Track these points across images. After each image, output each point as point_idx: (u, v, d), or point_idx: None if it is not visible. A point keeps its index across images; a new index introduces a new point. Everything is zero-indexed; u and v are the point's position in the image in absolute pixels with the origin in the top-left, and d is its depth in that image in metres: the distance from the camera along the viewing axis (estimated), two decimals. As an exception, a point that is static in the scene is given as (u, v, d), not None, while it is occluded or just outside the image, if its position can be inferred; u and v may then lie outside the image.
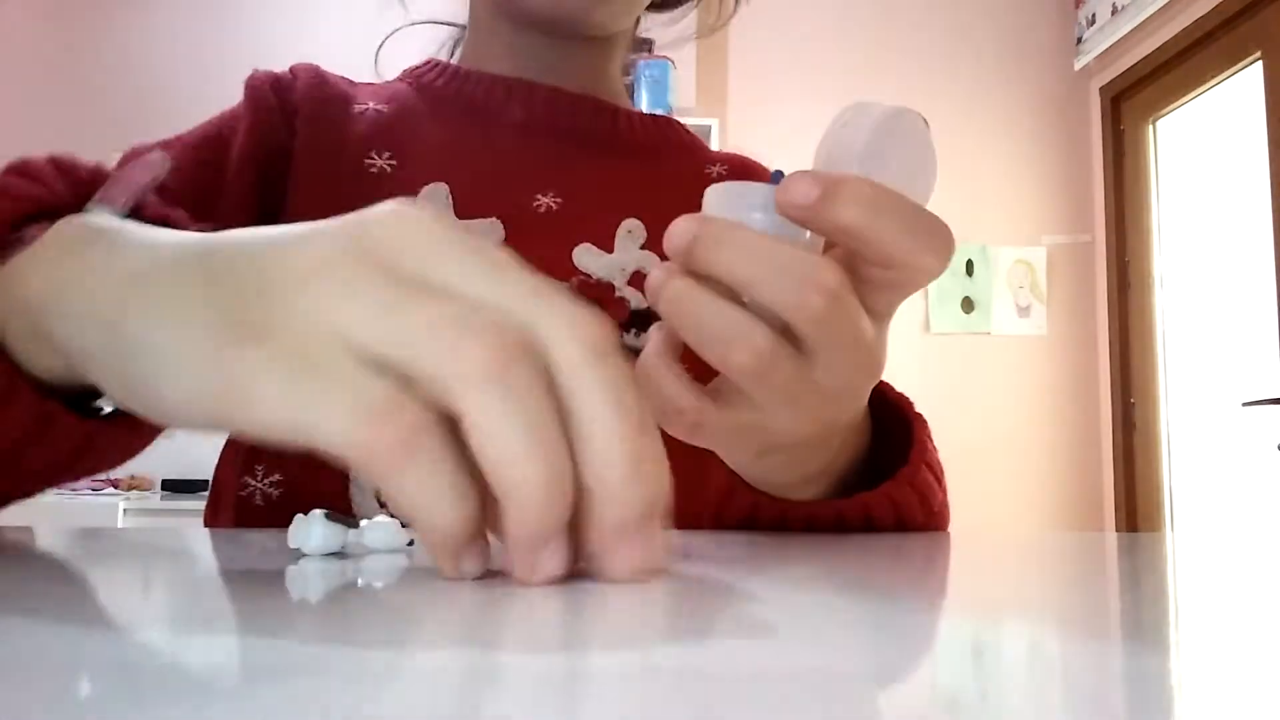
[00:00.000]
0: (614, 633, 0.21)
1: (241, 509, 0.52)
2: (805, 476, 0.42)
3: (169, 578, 0.30)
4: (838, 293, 0.29)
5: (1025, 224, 3.35)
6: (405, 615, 0.23)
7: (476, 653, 0.18)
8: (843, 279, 0.29)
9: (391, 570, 0.29)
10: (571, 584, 0.25)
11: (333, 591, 0.26)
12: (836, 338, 0.30)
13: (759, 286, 0.29)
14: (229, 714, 0.13)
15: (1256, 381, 2.61)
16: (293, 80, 0.62)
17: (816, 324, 0.29)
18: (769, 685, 0.15)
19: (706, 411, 0.31)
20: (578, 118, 0.60)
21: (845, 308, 0.29)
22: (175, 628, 0.22)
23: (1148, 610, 0.25)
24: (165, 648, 0.19)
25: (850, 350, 0.31)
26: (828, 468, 0.42)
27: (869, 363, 0.32)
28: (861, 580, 0.29)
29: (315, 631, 0.20)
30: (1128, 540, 0.49)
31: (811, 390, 0.31)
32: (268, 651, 0.18)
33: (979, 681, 0.17)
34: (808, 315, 0.29)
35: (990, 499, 3.20)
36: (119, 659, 0.17)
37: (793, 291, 0.28)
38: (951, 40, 3.39)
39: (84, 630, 0.20)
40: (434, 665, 0.17)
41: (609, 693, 0.15)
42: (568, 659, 0.17)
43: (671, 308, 0.30)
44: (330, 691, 0.14)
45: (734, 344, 0.29)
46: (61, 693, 0.15)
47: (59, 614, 0.22)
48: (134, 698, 0.14)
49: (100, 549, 0.37)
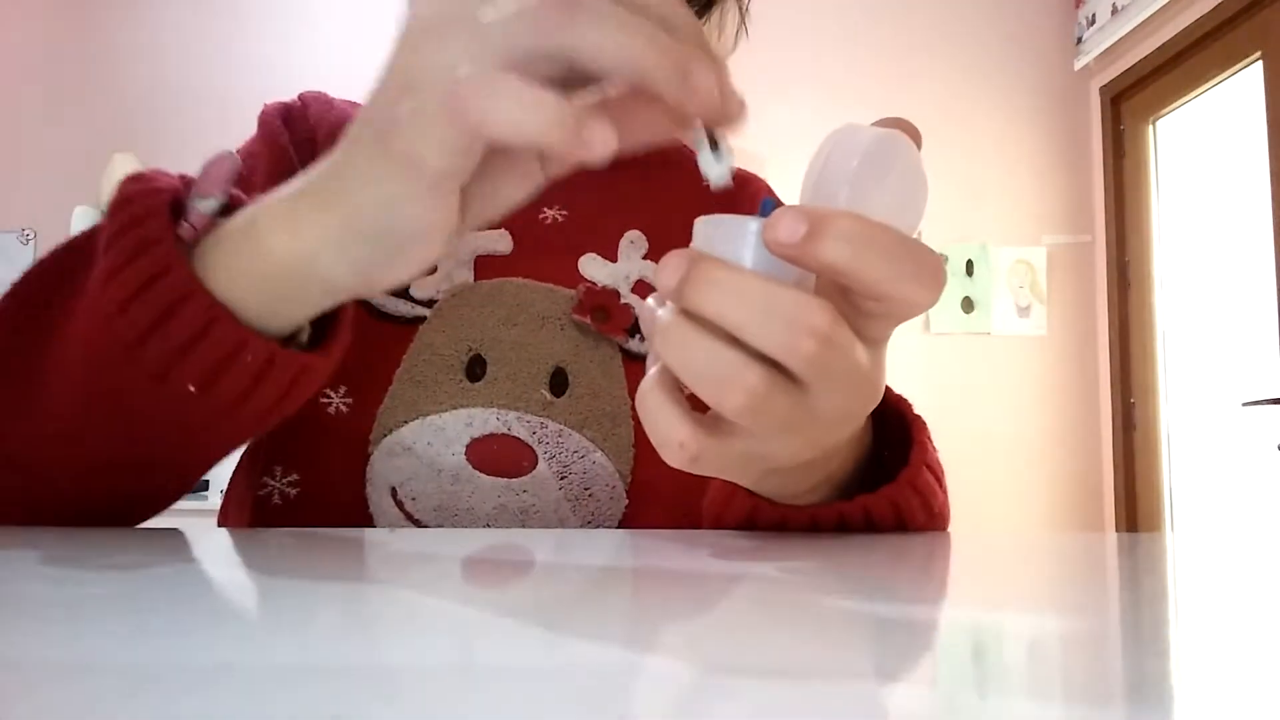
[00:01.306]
0: (617, 629, 0.21)
1: (259, 509, 0.53)
2: (806, 488, 0.42)
3: (191, 577, 0.30)
4: (829, 333, 0.29)
5: (1025, 224, 3.35)
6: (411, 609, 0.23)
7: (471, 653, 0.18)
8: (834, 317, 0.29)
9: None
10: (582, 579, 0.25)
11: (335, 591, 0.26)
12: (831, 374, 0.30)
13: (749, 330, 0.29)
14: (235, 714, 0.13)
15: (1256, 381, 2.61)
16: (304, 108, 0.64)
17: (810, 364, 0.29)
18: (770, 685, 0.15)
19: (704, 443, 0.31)
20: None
21: (838, 345, 0.29)
22: (186, 627, 0.22)
23: (1148, 610, 0.25)
24: (173, 646, 0.19)
25: (846, 382, 0.31)
26: (829, 477, 0.42)
27: (866, 391, 0.33)
28: (861, 580, 0.29)
29: (321, 632, 0.20)
30: (1128, 540, 0.49)
31: (809, 420, 0.31)
32: (281, 650, 0.18)
33: (979, 681, 0.17)
34: (800, 358, 0.29)
35: (990, 499, 3.20)
36: (120, 658, 0.17)
37: (783, 334, 0.29)
38: (952, 40, 3.39)
39: (84, 630, 0.20)
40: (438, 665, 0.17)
41: (608, 688, 0.15)
42: (569, 654, 0.17)
43: (666, 348, 0.31)
44: (332, 692, 0.14)
45: (727, 384, 0.29)
46: (64, 692, 0.15)
47: (60, 614, 0.22)
48: (135, 698, 0.14)
49: (110, 549, 0.37)
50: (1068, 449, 3.27)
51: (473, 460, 0.53)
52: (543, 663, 0.17)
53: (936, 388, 3.23)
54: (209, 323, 0.36)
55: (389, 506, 0.53)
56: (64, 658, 0.17)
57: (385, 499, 0.53)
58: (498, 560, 0.34)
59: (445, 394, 0.54)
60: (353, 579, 0.28)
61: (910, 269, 0.30)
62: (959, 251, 3.31)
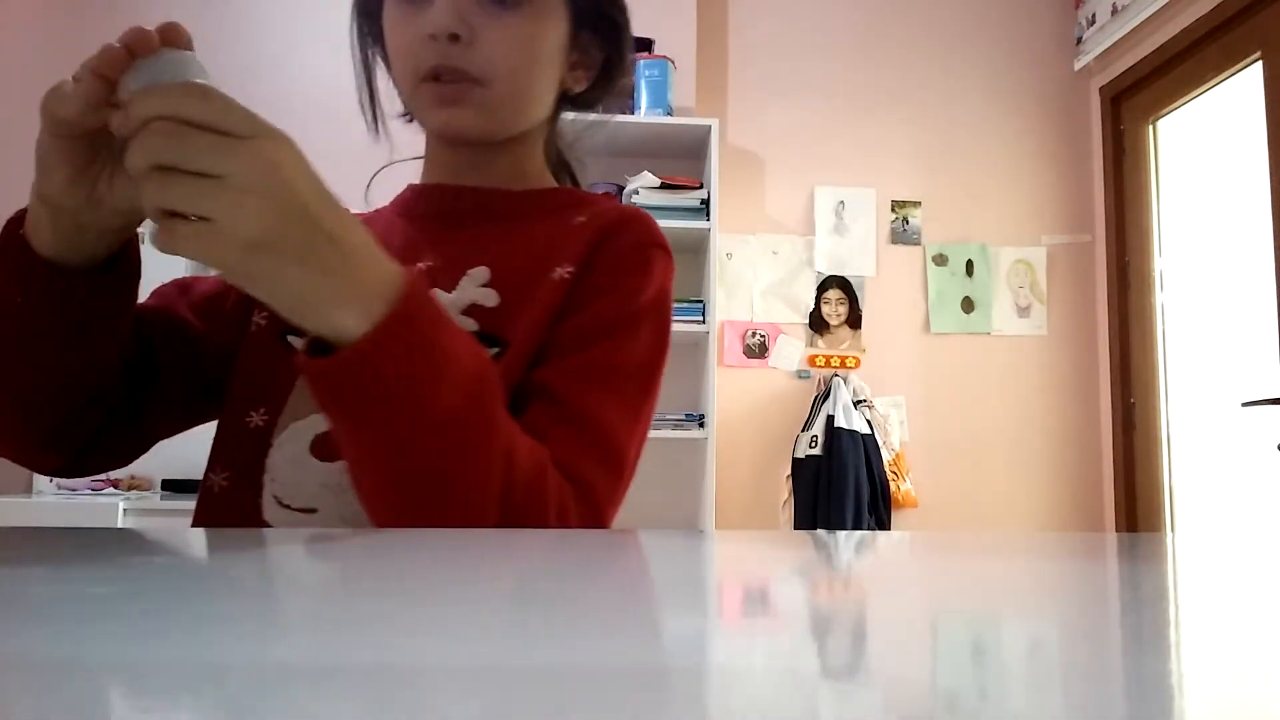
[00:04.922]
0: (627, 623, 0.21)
1: (206, 496, 0.70)
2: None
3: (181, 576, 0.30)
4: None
5: (1025, 224, 3.35)
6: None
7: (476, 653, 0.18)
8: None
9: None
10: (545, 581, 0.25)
11: (337, 594, 0.26)
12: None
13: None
14: (237, 714, 0.13)
15: (1256, 381, 2.61)
16: None
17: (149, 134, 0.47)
18: (768, 684, 0.15)
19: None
20: (457, 202, 0.78)
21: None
22: (186, 627, 0.22)
23: (1148, 610, 0.25)
24: (173, 646, 0.19)
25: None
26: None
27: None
28: (860, 578, 0.29)
29: (321, 632, 0.20)
30: (1128, 540, 0.49)
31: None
32: (280, 650, 0.18)
33: (979, 681, 0.17)
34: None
35: (990, 499, 3.20)
36: (120, 658, 0.17)
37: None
38: (951, 40, 3.39)
39: (84, 631, 0.20)
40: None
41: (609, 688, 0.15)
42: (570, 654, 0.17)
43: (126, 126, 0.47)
44: (332, 692, 0.14)
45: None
46: (64, 692, 0.14)
47: (60, 614, 0.22)
48: (134, 698, 0.14)
49: (103, 547, 0.37)
50: (1068, 449, 3.27)
51: (313, 450, 0.68)
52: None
53: (936, 388, 3.23)
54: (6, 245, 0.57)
55: (267, 489, 0.68)
56: (64, 658, 0.17)
57: (268, 484, 0.68)
58: (496, 560, 0.34)
59: (313, 404, 0.67)
60: (353, 579, 0.28)
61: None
62: (959, 251, 3.32)
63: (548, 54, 0.74)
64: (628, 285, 0.71)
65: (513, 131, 0.76)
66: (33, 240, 0.57)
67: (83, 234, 0.57)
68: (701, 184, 2.95)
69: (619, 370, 0.68)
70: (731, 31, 3.36)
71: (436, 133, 0.76)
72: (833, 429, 3.00)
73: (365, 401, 0.51)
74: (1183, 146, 3.04)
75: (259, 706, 0.14)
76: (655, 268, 0.73)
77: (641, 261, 0.73)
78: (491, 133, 0.75)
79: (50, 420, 0.64)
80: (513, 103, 0.73)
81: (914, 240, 3.30)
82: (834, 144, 3.31)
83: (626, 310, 0.70)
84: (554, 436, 0.62)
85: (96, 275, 0.59)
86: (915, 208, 3.31)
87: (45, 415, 0.64)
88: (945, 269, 3.30)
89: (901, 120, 3.34)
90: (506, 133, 0.76)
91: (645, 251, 0.73)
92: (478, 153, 0.77)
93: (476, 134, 0.74)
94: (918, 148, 3.34)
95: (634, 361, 0.69)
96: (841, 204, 3.28)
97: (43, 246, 0.57)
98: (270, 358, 0.71)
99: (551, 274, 0.70)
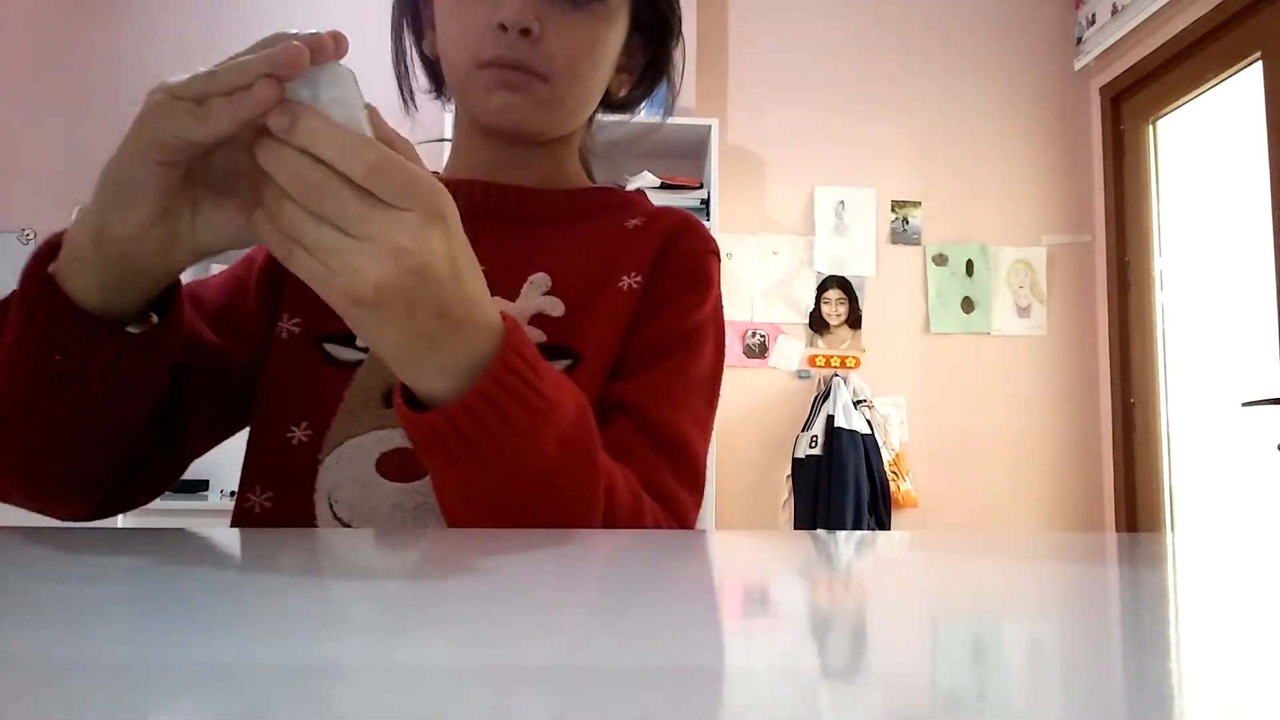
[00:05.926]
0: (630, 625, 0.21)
1: (243, 518, 0.67)
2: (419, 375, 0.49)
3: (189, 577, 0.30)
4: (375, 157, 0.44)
5: (1025, 224, 3.35)
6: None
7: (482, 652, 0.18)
8: (378, 147, 0.44)
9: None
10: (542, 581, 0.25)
11: (338, 593, 0.26)
12: (391, 186, 0.44)
13: (325, 155, 0.43)
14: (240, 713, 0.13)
15: (1256, 381, 2.61)
16: None
17: (367, 175, 0.43)
18: (768, 684, 0.15)
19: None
20: (503, 202, 0.75)
21: (388, 161, 0.44)
22: (186, 627, 0.22)
23: (1148, 610, 0.25)
24: (173, 646, 0.19)
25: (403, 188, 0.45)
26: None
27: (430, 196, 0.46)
28: (860, 578, 0.29)
29: (321, 631, 0.20)
30: (1128, 540, 0.49)
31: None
32: (279, 648, 0.17)
33: (979, 681, 0.17)
34: (358, 170, 0.43)
35: (990, 499, 3.20)
36: (120, 658, 0.17)
37: (341, 154, 0.43)
38: (951, 40, 3.39)
39: (84, 631, 0.20)
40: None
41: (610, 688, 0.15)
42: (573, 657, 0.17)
43: (269, 160, 0.43)
44: (332, 691, 0.14)
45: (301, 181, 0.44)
46: (64, 692, 0.14)
47: (60, 614, 0.22)
48: (133, 697, 0.14)
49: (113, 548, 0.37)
50: (1068, 449, 3.27)
51: (380, 470, 0.65)
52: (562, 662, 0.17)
53: (936, 388, 3.23)
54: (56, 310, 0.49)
55: (324, 510, 0.65)
56: (64, 658, 0.17)
57: (324, 505, 0.65)
58: (493, 560, 0.34)
59: (369, 419, 0.67)
60: (353, 580, 0.28)
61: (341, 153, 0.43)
62: (959, 251, 3.32)
63: (609, 56, 0.73)
64: (693, 296, 0.71)
65: (563, 130, 0.75)
66: (67, 284, 0.49)
67: (136, 280, 0.50)
68: (701, 184, 2.95)
69: (692, 384, 0.69)
70: (731, 31, 3.35)
71: (492, 117, 0.71)
72: (833, 429, 3.00)
73: (471, 452, 0.49)
74: (1183, 146, 3.04)
75: (259, 706, 0.14)
76: (715, 276, 0.74)
77: (704, 270, 0.73)
78: (544, 130, 0.73)
79: (91, 468, 0.58)
80: (570, 102, 0.72)
81: (914, 240, 3.30)
82: (834, 144, 3.30)
83: (693, 321, 0.70)
84: (639, 457, 0.63)
85: (144, 328, 0.52)
86: (915, 208, 3.31)
87: (85, 465, 0.57)
88: (945, 269, 3.30)
89: (901, 120, 3.34)
90: (557, 131, 0.75)
91: (705, 260, 0.74)
92: (520, 150, 0.75)
93: (530, 126, 0.71)
94: (918, 148, 3.34)
95: (703, 373, 0.70)
96: (841, 204, 3.28)
97: (82, 293, 0.49)
98: (306, 368, 0.68)
99: (618, 283, 0.70)
